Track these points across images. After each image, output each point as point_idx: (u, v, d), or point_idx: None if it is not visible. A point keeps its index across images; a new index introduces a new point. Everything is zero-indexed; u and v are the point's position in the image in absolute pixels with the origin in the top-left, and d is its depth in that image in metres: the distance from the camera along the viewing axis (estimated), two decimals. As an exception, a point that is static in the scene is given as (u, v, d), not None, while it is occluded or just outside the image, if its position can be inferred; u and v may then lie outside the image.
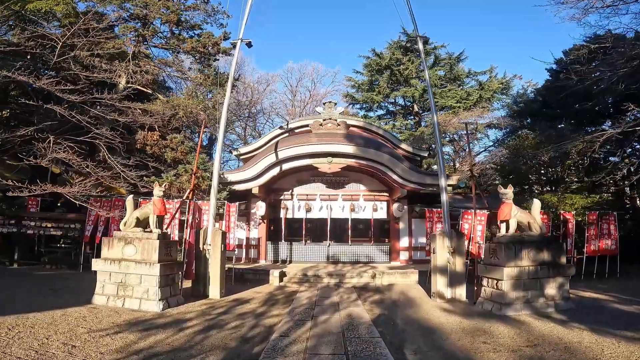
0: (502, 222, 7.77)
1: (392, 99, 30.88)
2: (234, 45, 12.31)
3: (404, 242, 15.18)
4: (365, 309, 7.70)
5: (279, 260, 14.84)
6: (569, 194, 13.12)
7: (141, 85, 15.77)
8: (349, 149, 13.73)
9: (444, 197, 9.36)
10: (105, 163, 11.26)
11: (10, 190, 9.05)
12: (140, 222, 7.73)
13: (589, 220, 12.40)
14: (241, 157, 17.32)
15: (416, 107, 29.40)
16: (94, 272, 7.78)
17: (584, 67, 13.65)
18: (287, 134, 16.41)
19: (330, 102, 16.07)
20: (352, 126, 16.23)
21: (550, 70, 23.28)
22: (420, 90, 27.73)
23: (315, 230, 16.55)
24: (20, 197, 11.29)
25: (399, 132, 26.22)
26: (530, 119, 22.63)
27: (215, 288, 8.75)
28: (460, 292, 8.65)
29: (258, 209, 14.73)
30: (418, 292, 10.02)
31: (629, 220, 14.65)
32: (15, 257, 13.15)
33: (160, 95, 15.63)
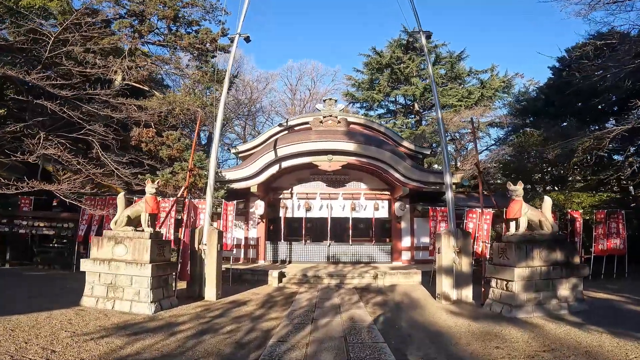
0: (512, 220, 7.41)
1: (393, 98, 30.62)
2: (232, 40, 12.01)
3: (405, 241, 14.82)
4: (368, 312, 7.34)
5: (278, 261, 14.48)
6: (575, 192, 12.76)
7: (137, 82, 15.42)
8: (350, 146, 13.37)
9: (449, 195, 9.00)
10: (98, 160, 10.90)
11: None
12: (131, 221, 7.37)
13: (596, 219, 12.05)
14: (240, 155, 16.96)
15: (417, 105, 29.10)
16: (84, 273, 7.43)
17: (590, 63, 13.36)
18: (286, 131, 16.05)
19: (330, 99, 15.74)
20: (352, 123, 15.87)
21: (553, 68, 23.04)
22: (421, 89, 27.46)
23: (315, 229, 16.21)
24: (12, 196, 10.96)
25: (400, 131, 25.86)
26: (533, 117, 22.35)
27: (211, 289, 8.38)
28: (467, 294, 8.29)
29: (257, 208, 14.38)
30: (422, 293, 9.66)
31: (634, 219, 14.31)
32: (7, 257, 12.80)
33: (156, 92, 15.28)
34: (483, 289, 8.03)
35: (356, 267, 13.24)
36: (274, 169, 13.63)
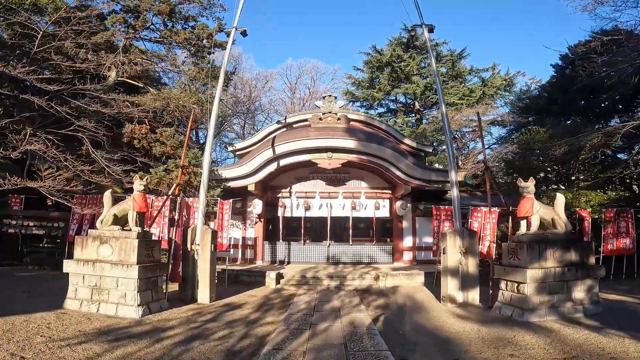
0: (522, 218, 6.99)
1: (393, 96, 30.30)
2: (228, 34, 11.65)
3: (407, 241, 14.41)
4: (370, 315, 6.93)
5: (276, 261, 14.06)
6: (583, 190, 12.36)
7: (132, 78, 15.01)
8: (350, 143, 12.97)
9: (455, 192, 8.59)
10: (88, 157, 10.48)
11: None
12: (118, 220, 6.95)
13: (605, 218, 11.64)
14: (237, 153, 16.56)
15: (417, 104, 28.75)
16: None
17: (597, 58, 13.01)
18: (284, 128, 15.64)
19: (330, 95, 15.35)
20: (353, 120, 15.47)
21: (556, 66, 22.76)
22: (422, 87, 27.13)
23: (315, 229, 15.83)
24: (4, 194, 10.55)
25: (400, 130, 25.50)
26: (536, 116, 22.04)
27: (204, 292, 7.96)
28: (473, 296, 7.87)
29: (254, 207, 13.96)
30: (425, 295, 9.24)
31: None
32: (-3, 257, 12.37)
33: (151, 89, 14.87)
34: (491, 291, 7.62)
35: (356, 267, 12.83)
36: (272, 167, 13.22)
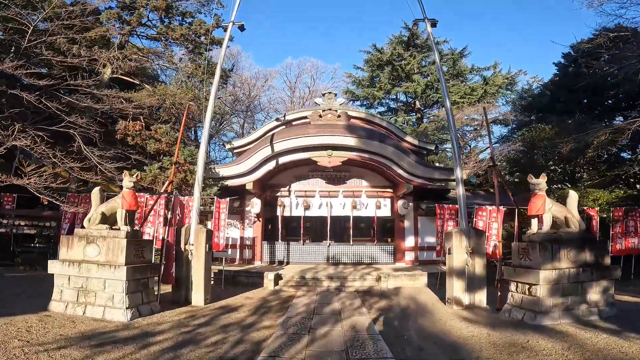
0: (533, 217, 6.62)
1: (394, 95, 30.03)
2: (225, 28, 11.33)
3: (409, 241, 14.06)
4: (372, 319, 6.57)
5: (275, 262, 13.70)
6: (591, 189, 12.01)
7: (127, 75, 14.67)
8: (351, 141, 12.60)
9: (461, 190, 8.23)
10: (80, 154, 10.14)
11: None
12: (107, 219, 6.59)
13: (614, 217, 11.30)
14: (235, 151, 16.18)
15: (418, 103, 28.46)
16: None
17: (604, 54, 12.70)
18: (284, 126, 15.29)
19: (330, 92, 14.96)
20: (353, 118, 15.13)
21: (559, 64, 22.60)
22: (423, 86, 26.83)
23: (315, 229, 15.49)
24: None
25: (401, 129, 25.20)
26: (538, 114, 21.82)
27: (198, 293, 7.60)
28: (480, 298, 7.51)
29: (253, 206, 13.61)
30: (429, 297, 8.88)
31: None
32: (-11, 257, 12.01)
33: (147, 86, 14.52)
34: (499, 293, 7.26)
35: (357, 268, 12.48)
36: (270, 165, 12.86)
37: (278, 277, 10.65)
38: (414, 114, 28.92)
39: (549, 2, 45.47)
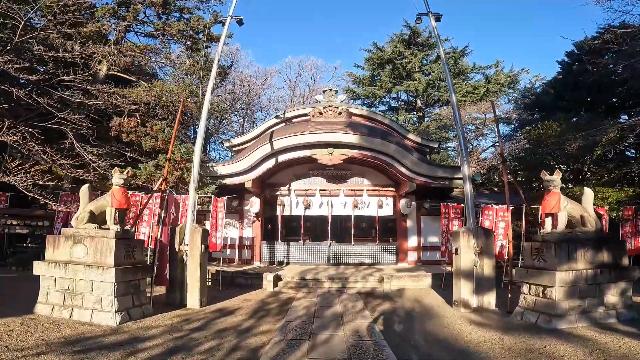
0: (548, 215, 6.27)
1: (395, 94, 29.73)
2: (224, 23, 11.02)
3: (412, 241, 13.72)
4: (375, 323, 6.22)
5: (275, 262, 13.36)
6: (599, 187, 11.66)
7: (124, 71, 14.32)
8: (352, 138, 12.26)
9: (468, 188, 7.88)
10: (72, 151, 9.80)
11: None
12: (95, 217, 6.25)
13: (624, 216, 10.96)
14: (234, 149, 15.85)
15: (419, 102, 28.13)
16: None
17: (612, 49, 12.41)
18: (283, 123, 14.96)
19: (330, 89, 14.60)
20: (354, 115, 14.77)
21: (562, 63, 22.41)
22: (424, 84, 26.54)
23: (315, 228, 15.17)
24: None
25: (403, 127, 24.87)
26: (542, 112, 21.59)
27: (193, 296, 7.25)
28: (489, 300, 7.17)
29: (252, 205, 13.27)
30: (434, 299, 8.53)
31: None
32: (-21, 258, 11.69)
33: (144, 83, 14.18)
34: (510, 295, 6.91)
35: (359, 269, 12.14)
36: (269, 163, 12.52)
37: (277, 278, 10.31)
38: (415, 112, 28.60)
39: (549, 1, 45.15)
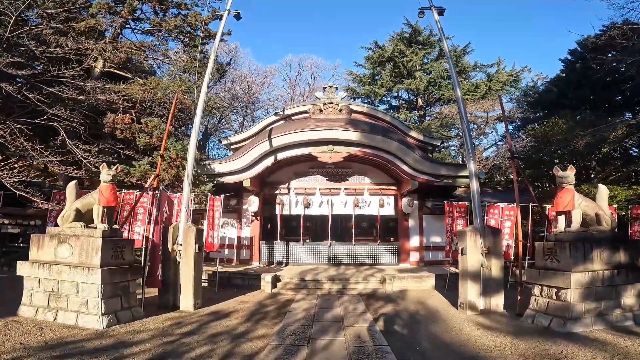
0: (561, 214, 5.94)
1: (395, 93, 29.41)
2: (221, 17, 10.74)
3: (414, 241, 13.40)
4: (378, 327, 5.89)
5: (274, 262, 13.04)
6: (607, 185, 11.32)
7: (120, 69, 14.02)
8: (353, 135, 11.95)
9: (475, 185, 7.56)
10: (64, 148, 9.49)
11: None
12: (82, 216, 5.92)
13: (632, 215, 10.63)
14: (232, 146, 15.54)
15: (420, 100, 27.83)
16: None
17: (618, 47, 12.13)
18: (283, 120, 14.62)
19: (331, 86, 14.26)
20: (355, 112, 14.45)
21: (565, 60, 22.24)
22: (425, 83, 26.23)
23: (315, 228, 14.84)
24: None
25: (404, 126, 24.53)
26: (545, 110, 21.36)
27: (187, 298, 6.93)
28: (497, 302, 6.84)
29: (250, 204, 12.95)
30: (439, 301, 8.20)
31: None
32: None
33: (139, 79, 13.87)
34: (519, 297, 6.58)
35: (360, 269, 11.81)
36: (268, 161, 12.21)
37: (276, 279, 9.99)
38: (416, 111, 28.29)
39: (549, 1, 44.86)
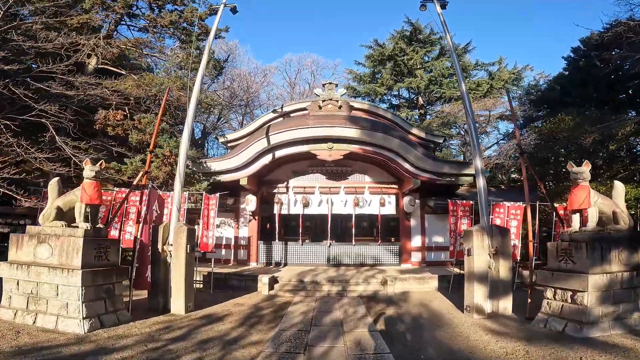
0: (576, 212, 5.57)
1: (396, 91, 29.10)
2: (216, 11, 10.43)
3: (415, 241, 13.04)
4: (380, 332, 5.53)
5: (272, 263, 12.69)
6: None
7: (115, 66, 13.68)
8: (353, 132, 11.59)
9: (482, 182, 7.19)
10: (53, 144, 9.15)
11: None
12: (64, 214, 5.56)
13: (642, 214, 10.25)
14: (229, 144, 15.21)
15: (421, 99, 27.52)
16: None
17: (625, 42, 11.82)
18: (281, 118, 14.30)
19: (330, 83, 13.89)
20: (355, 109, 14.09)
21: (568, 58, 21.98)
22: (426, 81, 25.92)
23: (314, 228, 14.50)
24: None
25: (405, 124, 24.20)
26: (548, 109, 21.09)
27: (178, 300, 6.56)
28: (505, 306, 6.48)
29: (248, 203, 12.61)
30: (443, 304, 7.84)
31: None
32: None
33: (134, 76, 13.52)
34: (529, 300, 6.22)
35: (360, 270, 11.46)
36: (266, 159, 11.86)
37: (273, 281, 9.63)
38: (417, 110, 27.96)
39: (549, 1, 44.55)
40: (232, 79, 29.37)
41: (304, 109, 13.94)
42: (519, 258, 9.30)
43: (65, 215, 5.59)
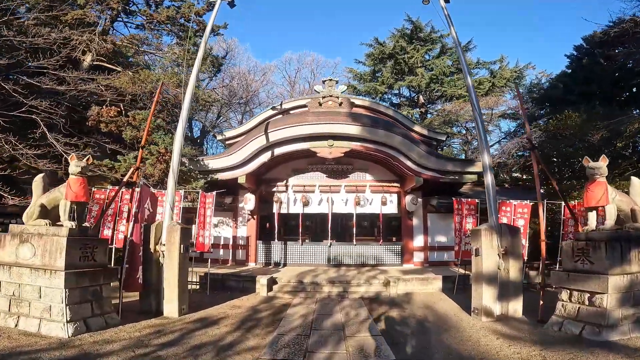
0: (591, 209, 5.25)
1: (396, 90, 28.87)
2: (214, 6, 10.16)
3: (418, 241, 12.73)
4: (384, 336, 5.21)
5: (271, 263, 12.38)
6: (623, 180, 10.69)
7: (110, 62, 13.38)
8: (353, 129, 11.29)
9: (490, 179, 6.88)
10: (44, 141, 8.85)
11: None
12: (48, 212, 5.25)
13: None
14: (227, 142, 14.90)
15: (422, 98, 27.29)
16: None
17: (631, 38, 11.59)
18: (280, 115, 14.00)
19: (330, 79, 13.60)
20: (356, 106, 13.78)
21: (570, 56, 21.81)
22: (427, 79, 25.69)
23: (314, 227, 14.20)
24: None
25: (406, 123, 23.94)
26: (551, 107, 20.88)
27: (171, 303, 6.25)
28: (515, 308, 6.17)
29: (246, 202, 12.32)
30: (449, 306, 7.53)
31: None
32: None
33: (129, 72, 13.23)
34: (542, 302, 5.90)
35: (361, 270, 11.15)
36: (265, 157, 11.56)
37: (272, 282, 9.33)
38: (418, 108, 27.70)
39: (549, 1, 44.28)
40: (231, 77, 29.09)
41: (304, 106, 13.64)
42: (526, 258, 9.00)
43: (50, 214, 5.28)
